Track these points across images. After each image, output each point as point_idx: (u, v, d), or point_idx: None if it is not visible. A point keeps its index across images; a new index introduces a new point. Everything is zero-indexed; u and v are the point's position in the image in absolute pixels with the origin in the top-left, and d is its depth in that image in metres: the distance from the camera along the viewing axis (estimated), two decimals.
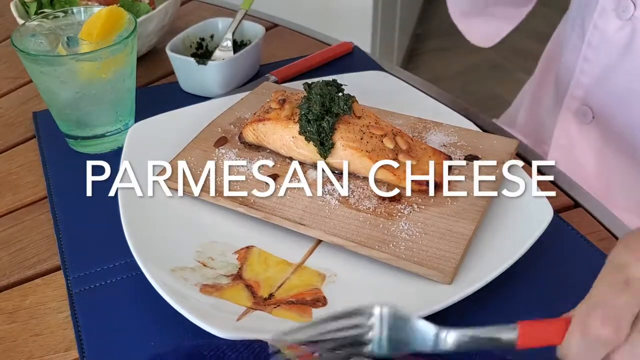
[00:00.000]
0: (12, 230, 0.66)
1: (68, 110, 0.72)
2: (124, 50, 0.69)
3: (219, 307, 0.52)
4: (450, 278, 0.52)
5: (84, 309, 0.55)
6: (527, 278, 0.56)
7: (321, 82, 0.61)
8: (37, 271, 0.61)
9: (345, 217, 0.57)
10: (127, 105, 0.74)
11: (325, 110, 0.60)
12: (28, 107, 0.86)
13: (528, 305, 0.54)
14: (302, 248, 0.57)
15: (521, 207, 0.58)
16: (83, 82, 0.69)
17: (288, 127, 0.61)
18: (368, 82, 0.78)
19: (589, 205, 0.66)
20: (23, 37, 0.71)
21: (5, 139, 0.81)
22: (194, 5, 1.12)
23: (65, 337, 0.54)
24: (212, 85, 0.83)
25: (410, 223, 0.56)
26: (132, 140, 0.67)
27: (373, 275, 0.54)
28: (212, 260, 0.56)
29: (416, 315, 0.41)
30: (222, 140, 0.67)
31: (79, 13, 0.75)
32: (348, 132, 0.60)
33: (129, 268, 0.58)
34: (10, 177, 0.74)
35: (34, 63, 0.68)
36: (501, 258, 0.53)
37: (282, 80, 0.85)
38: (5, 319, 0.56)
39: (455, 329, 0.41)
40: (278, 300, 0.53)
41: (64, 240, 0.63)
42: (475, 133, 0.68)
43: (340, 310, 0.41)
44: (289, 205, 0.59)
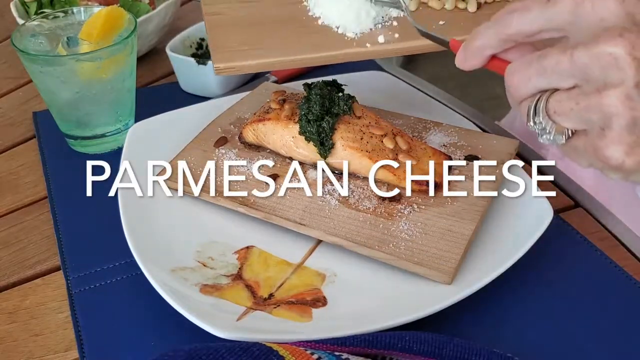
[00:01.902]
0: (12, 230, 0.66)
1: (68, 110, 0.72)
2: (124, 50, 0.69)
3: (219, 307, 0.52)
4: (450, 278, 0.52)
5: (84, 309, 0.55)
6: (527, 278, 0.56)
7: (321, 82, 0.61)
8: (37, 271, 0.61)
9: (345, 217, 0.57)
10: (127, 105, 0.74)
11: (325, 111, 0.60)
12: (28, 107, 0.86)
13: (528, 306, 0.54)
14: (302, 248, 0.57)
15: (521, 207, 0.58)
16: (83, 82, 0.69)
17: (288, 127, 0.61)
18: (368, 82, 0.78)
19: (589, 205, 0.66)
20: (23, 37, 0.71)
21: (5, 139, 0.81)
22: (194, 5, 1.12)
23: (65, 337, 0.54)
24: (212, 85, 0.83)
25: (410, 223, 0.56)
26: (132, 140, 0.67)
27: (373, 275, 0.54)
28: (212, 260, 0.56)
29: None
30: (222, 140, 0.67)
31: (79, 13, 0.75)
32: (348, 132, 0.60)
33: (129, 268, 0.58)
34: (10, 177, 0.74)
35: (34, 63, 0.68)
36: (501, 258, 0.53)
37: (282, 80, 0.85)
38: (5, 319, 0.56)
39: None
40: (278, 300, 0.53)
41: (64, 240, 0.63)
42: (475, 133, 0.68)
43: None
44: (289, 205, 0.59)
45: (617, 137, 0.37)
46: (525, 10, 0.40)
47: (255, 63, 0.54)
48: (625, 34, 0.36)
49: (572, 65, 0.38)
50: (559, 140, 0.41)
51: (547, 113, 0.40)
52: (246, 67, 0.54)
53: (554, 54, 0.38)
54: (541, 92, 0.40)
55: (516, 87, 0.41)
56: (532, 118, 0.40)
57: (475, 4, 0.58)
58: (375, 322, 0.48)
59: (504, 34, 0.41)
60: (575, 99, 0.38)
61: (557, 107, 0.39)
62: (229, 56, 0.55)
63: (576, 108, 0.38)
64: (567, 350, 0.50)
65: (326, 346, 0.44)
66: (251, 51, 0.55)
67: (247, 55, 0.54)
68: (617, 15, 0.36)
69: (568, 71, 0.38)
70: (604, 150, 0.38)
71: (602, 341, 0.51)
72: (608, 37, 0.36)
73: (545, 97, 0.40)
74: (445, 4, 0.59)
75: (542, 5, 0.39)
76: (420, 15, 0.59)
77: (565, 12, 0.38)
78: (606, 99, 0.37)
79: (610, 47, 0.36)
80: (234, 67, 0.54)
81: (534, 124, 0.40)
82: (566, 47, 0.38)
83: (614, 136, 0.37)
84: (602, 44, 0.36)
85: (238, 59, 0.54)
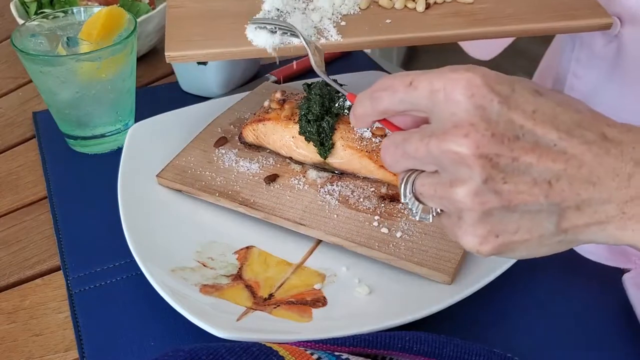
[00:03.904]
0: (12, 230, 0.66)
1: (68, 110, 0.72)
2: (124, 50, 0.69)
3: (219, 307, 0.52)
4: (450, 278, 0.52)
5: (84, 309, 0.55)
6: (527, 278, 0.56)
7: (321, 82, 0.61)
8: (37, 271, 0.61)
9: (345, 217, 0.57)
10: (127, 105, 0.74)
11: (325, 111, 0.60)
12: (28, 107, 0.86)
13: (528, 306, 0.54)
14: (302, 248, 0.57)
15: None
16: (83, 82, 0.69)
17: (288, 127, 0.61)
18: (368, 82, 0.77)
19: None
20: (23, 37, 0.71)
21: (5, 139, 0.81)
22: None
23: (65, 337, 0.54)
24: (212, 85, 0.83)
25: (410, 223, 0.56)
26: (132, 140, 0.67)
27: (373, 275, 0.54)
28: (212, 260, 0.56)
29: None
30: (222, 140, 0.67)
31: (79, 13, 0.75)
32: (348, 132, 0.60)
33: (129, 268, 0.58)
34: (10, 177, 0.74)
35: (33, 63, 0.68)
36: (501, 258, 0.53)
37: (282, 80, 0.85)
38: (5, 319, 0.56)
39: None
40: (278, 300, 0.53)
41: (64, 240, 0.63)
42: None
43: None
44: (289, 205, 0.59)
45: (470, 229, 0.39)
46: (392, 91, 0.41)
47: (205, 52, 0.57)
48: (471, 133, 0.36)
49: (428, 155, 0.39)
50: (425, 219, 0.42)
51: (414, 194, 0.41)
52: (196, 56, 0.57)
53: (413, 140, 0.39)
54: (411, 170, 0.41)
55: (388, 165, 0.42)
56: (402, 194, 0.42)
57: (423, 4, 0.59)
58: (375, 322, 0.48)
59: (377, 109, 0.42)
60: (435, 186, 0.39)
61: (421, 189, 0.40)
62: (181, 45, 0.57)
63: (435, 194, 0.40)
64: (567, 350, 0.50)
65: (326, 346, 0.44)
66: (203, 41, 0.57)
67: (199, 45, 0.57)
68: (466, 110, 0.37)
69: (425, 159, 0.39)
70: (460, 237, 0.40)
71: (602, 341, 0.51)
72: (454, 136, 0.37)
73: (412, 179, 0.41)
74: (395, 3, 0.60)
75: (405, 88, 0.40)
76: (369, 13, 0.60)
77: (423, 97, 0.39)
78: (457, 193, 0.38)
79: (456, 146, 0.37)
80: (185, 55, 0.57)
81: (405, 200, 0.42)
82: (424, 135, 0.39)
83: (467, 227, 0.39)
84: (450, 142, 0.37)
85: (189, 49, 0.57)
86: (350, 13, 0.60)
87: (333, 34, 0.57)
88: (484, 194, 0.37)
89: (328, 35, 0.57)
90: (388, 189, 0.59)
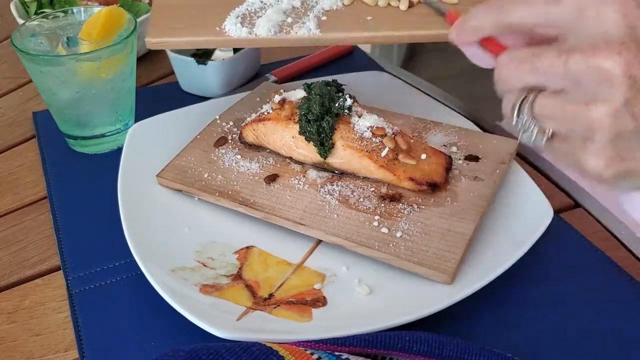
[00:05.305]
0: (12, 230, 0.66)
1: (68, 110, 0.72)
2: (124, 50, 0.69)
3: (219, 307, 0.52)
4: (451, 278, 0.52)
5: (84, 309, 0.55)
6: (527, 278, 0.56)
7: (321, 82, 0.62)
8: (37, 271, 0.61)
9: (345, 217, 0.57)
10: (127, 105, 0.74)
11: (325, 110, 0.60)
12: (28, 107, 0.86)
13: (528, 306, 0.54)
14: (302, 248, 0.57)
15: (521, 207, 0.58)
16: (83, 82, 0.69)
17: (288, 127, 0.61)
18: (368, 82, 0.78)
19: (589, 205, 0.66)
20: (23, 37, 0.71)
21: (5, 139, 0.81)
22: None
23: (65, 337, 0.54)
24: (212, 85, 0.83)
25: (410, 223, 0.56)
26: (132, 140, 0.67)
27: (373, 275, 0.54)
28: (212, 260, 0.56)
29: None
30: (222, 140, 0.67)
31: (79, 13, 0.75)
32: (348, 132, 0.60)
33: (129, 268, 0.58)
34: (10, 177, 0.74)
35: (33, 63, 0.68)
36: (501, 258, 0.53)
37: (282, 80, 0.85)
38: (5, 319, 0.56)
39: None
40: (278, 300, 0.53)
41: (64, 240, 0.63)
42: (475, 133, 0.68)
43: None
44: (289, 205, 0.59)
45: (598, 151, 0.38)
46: (529, 4, 0.39)
47: (185, 40, 0.58)
48: (623, 52, 0.36)
49: (565, 71, 0.37)
50: (539, 140, 0.41)
51: (532, 112, 0.40)
52: (177, 43, 0.58)
53: (548, 55, 0.38)
54: (529, 89, 0.40)
55: (505, 80, 0.40)
56: (515, 115, 0.40)
57: (407, 2, 0.59)
58: (375, 322, 0.48)
59: (504, 22, 0.41)
60: (562, 104, 0.38)
61: (543, 109, 0.39)
62: (163, 32, 0.58)
63: (561, 114, 0.38)
64: (567, 350, 0.50)
65: (326, 346, 0.44)
66: (185, 29, 0.58)
67: (180, 32, 0.58)
68: (619, 28, 0.36)
69: (560, 75, 0.38)
70: (584, 160, 0.39)
71: (602, 341, 0.51)
72: (606, 53, 0.36)
73: (532, 96, 0.40)
74: (379, 1, 0.60)
75: (545, 1, 0.39)
76: (352, 9, 0.60)
77: (567, 13, 0.38)
78: (594, 112, 0.37)
79: (607, 62, 0.36)
80: (165, 42, 0.58)
81: (517, 121, 0.40)
82: (561, 51, 0.38)
83: (595, 149, 0.38)
84: (599, 58, 0.36)
85: (170, 36, 0.58)
86: (333, 8, 0.60)
87: (312, 27, 0.57)
88: (622, 115, 0.36)
89: (307, 28, 0.57)
90: (388, 189, 0.59)
